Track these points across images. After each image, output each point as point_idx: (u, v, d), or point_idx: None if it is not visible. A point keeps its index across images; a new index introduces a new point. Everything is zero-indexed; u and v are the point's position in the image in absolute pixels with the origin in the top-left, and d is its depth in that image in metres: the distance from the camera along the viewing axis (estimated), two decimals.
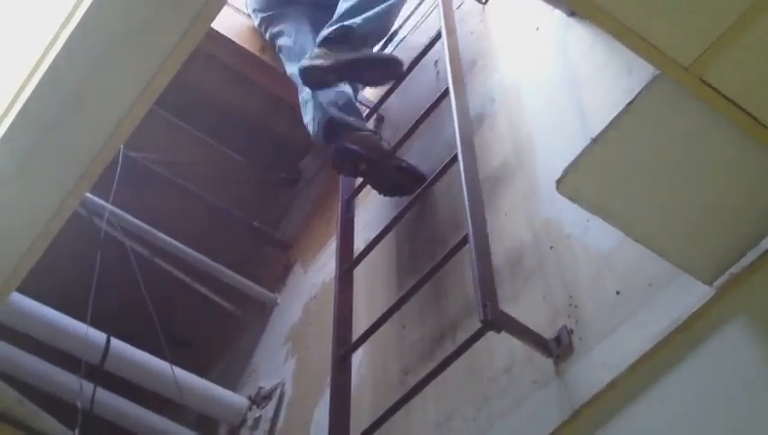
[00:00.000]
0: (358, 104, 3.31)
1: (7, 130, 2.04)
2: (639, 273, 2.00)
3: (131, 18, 1.92)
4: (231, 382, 3.64)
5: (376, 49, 3.40)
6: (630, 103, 1.68)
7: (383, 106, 3.47)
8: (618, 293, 2.04)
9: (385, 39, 3.58)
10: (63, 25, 1.93)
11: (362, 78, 3.24)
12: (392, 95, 3.38)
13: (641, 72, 1.69)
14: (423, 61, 3.30)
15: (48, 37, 1.96)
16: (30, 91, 2.01)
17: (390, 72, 3.22)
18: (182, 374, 3.33)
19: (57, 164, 2.09)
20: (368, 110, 3.47)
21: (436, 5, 3.24)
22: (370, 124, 3.43)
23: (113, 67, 1.98)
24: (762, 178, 1.72)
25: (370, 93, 3.61)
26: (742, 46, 1.55)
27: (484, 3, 3.27)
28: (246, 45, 3.88)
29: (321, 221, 3.79)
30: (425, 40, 3.33)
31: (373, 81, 3.30)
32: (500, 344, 2.25)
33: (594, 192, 1.80)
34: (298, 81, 3.26)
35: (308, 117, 3.25)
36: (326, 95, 3.18)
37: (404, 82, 3.32)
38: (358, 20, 3.15)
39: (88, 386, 2.96)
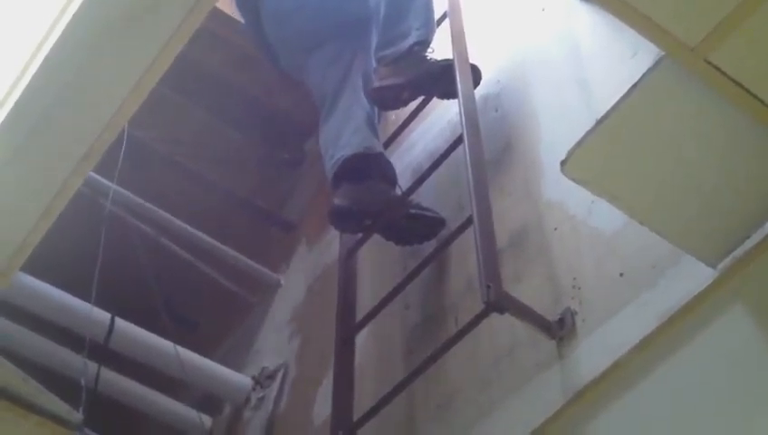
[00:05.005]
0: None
1: (11, 109, 2.03)
2: (643, 255, 1.99)
3: None
4: (235, 362, 3.65)
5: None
6: (635, 85, 1.68)
7: None
8: (621, 275, 2.04)
9: None
10: (67, 4, 1.92)
11: (435, 90, 2.91)
12: None
13: (646, 53, 1.68)
14: None
15: (51, 16, 1.96)
16: (34, 69, 2.00)
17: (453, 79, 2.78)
18: (186, 354, 3.34)
19: (60, 143, 2.08)
20: None
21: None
22: None
23: (117, 46, 1.96)
24: (766, 161, 1.72)
25: None
26: (748, 28, 1.54)
27: None
28: None
29: (325, 201, 3.78)
30: None
31: (445, 91, 2.88)
32: (503, 326, 2.25)
33: (598, 174, 1.80)
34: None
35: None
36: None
37: None
38: (422, 31, 2.88)
39: (92, 365, 2.98)
